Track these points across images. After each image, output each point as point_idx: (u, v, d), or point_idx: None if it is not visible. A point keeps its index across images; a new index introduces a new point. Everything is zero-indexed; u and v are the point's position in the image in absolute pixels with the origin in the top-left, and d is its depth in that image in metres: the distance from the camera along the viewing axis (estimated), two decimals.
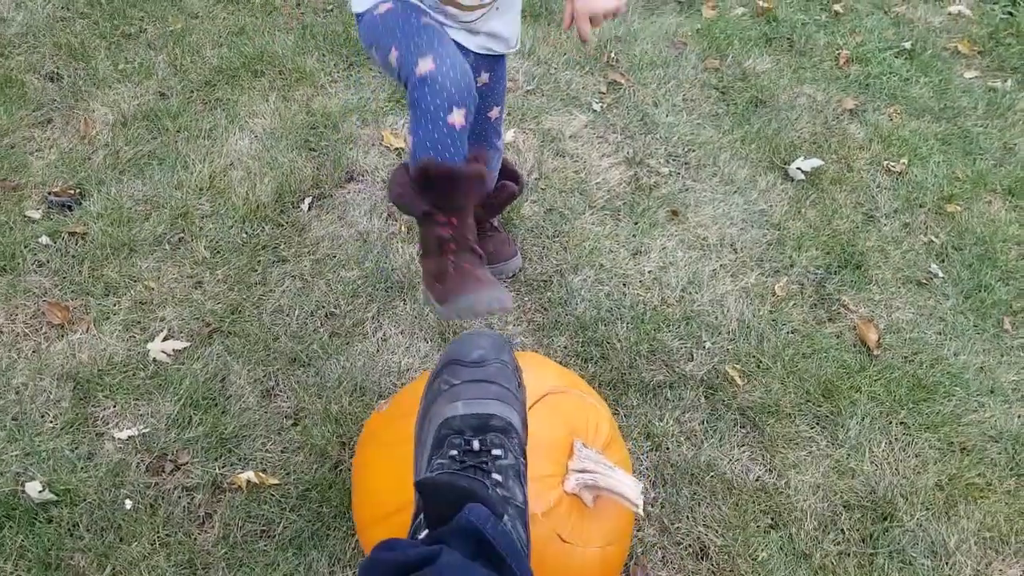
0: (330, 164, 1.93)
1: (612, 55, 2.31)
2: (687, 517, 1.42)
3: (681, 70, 2.29)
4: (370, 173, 1.94)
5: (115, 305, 1.63)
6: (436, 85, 1.05)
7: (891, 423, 1.59)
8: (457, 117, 1.08)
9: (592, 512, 1.05)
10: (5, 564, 1.29)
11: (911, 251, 1.92)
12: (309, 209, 1.85)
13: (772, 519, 1.44)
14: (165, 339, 1.58)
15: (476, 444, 0.81)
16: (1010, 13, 2.64)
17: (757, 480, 1.49)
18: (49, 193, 1.82)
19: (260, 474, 1.41)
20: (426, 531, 0.75)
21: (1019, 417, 1.63)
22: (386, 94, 2.12)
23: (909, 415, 1.60)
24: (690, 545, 1.40)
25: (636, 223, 1.89)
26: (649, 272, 1.80)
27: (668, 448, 1.51)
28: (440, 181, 1.11)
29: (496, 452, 0.81)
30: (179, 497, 1.38)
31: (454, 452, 0.81)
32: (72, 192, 1.83)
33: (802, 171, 2.03)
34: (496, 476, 0.79)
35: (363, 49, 1.26)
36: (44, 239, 1.73)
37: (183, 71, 2.13)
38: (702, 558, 1.39)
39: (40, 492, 1.35)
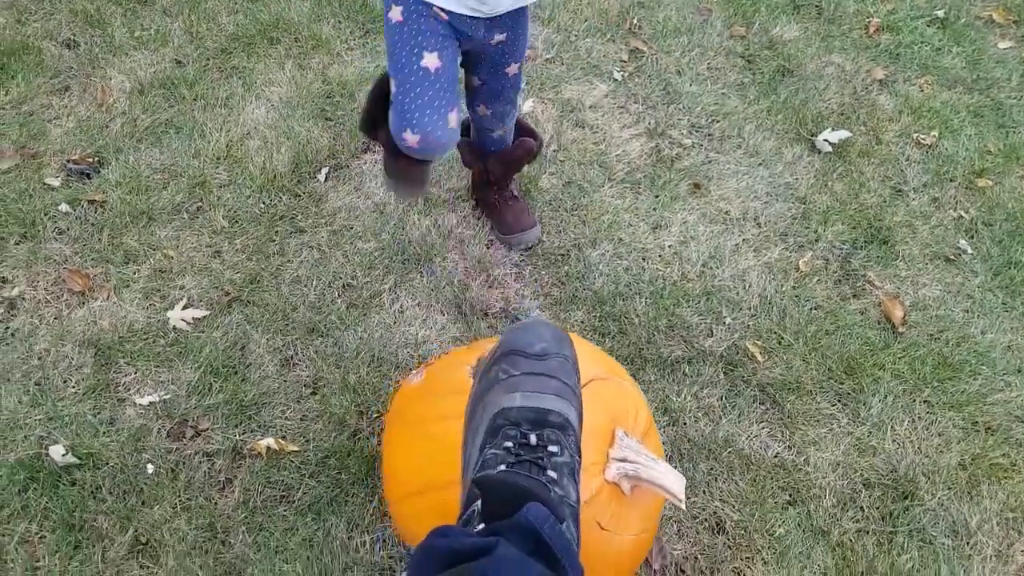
0: (346, 134, 1.91)
1: (635, 21, 2.25)
2: (703, 492, 1.42)
3: (706, 37, 2.22)
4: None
5: (135, 273, 1.64)
6: (414, 153, 1.27)
7: (915, 401, 1.56)
8: (425, 157, 1.32)
9: (629, 500, 1.04)
10: (30, 525, 1.32)
11: (940, 226, 1.87)
12: (326, 180, 1.83)
13: (790, 495, 1.43)
14: (185, 307, 1.59)
15: (533, 438, 0.80)
16: None
17: (776, 456, 1.47)
18: (68, 161, 1.82)
19: (280, 441, 1.42)
20: (482, 525, 0.75)
21: None
22: None
23: (933, 393, 1.57)
24: (706, 519, 1.39)
25: (657, 196, 1.86)
26: (669, 246, 1.77)
27: (685, 423, 1.50)
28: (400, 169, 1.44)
29: (552, 448, 0.80)
30: (200, 462, 1.40)
31: (509, 444, 0.80)
32: (91, 160, 1.83)
33: (829, 143, 1.98)
34: (551, 473, 0.78)
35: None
36: (64, 207, 1.73)
37: (199, 38, 2.11)
38: (718, 532, 1.38)
39: (63, 455, 1.38)
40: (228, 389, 1.48)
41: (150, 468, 1.38)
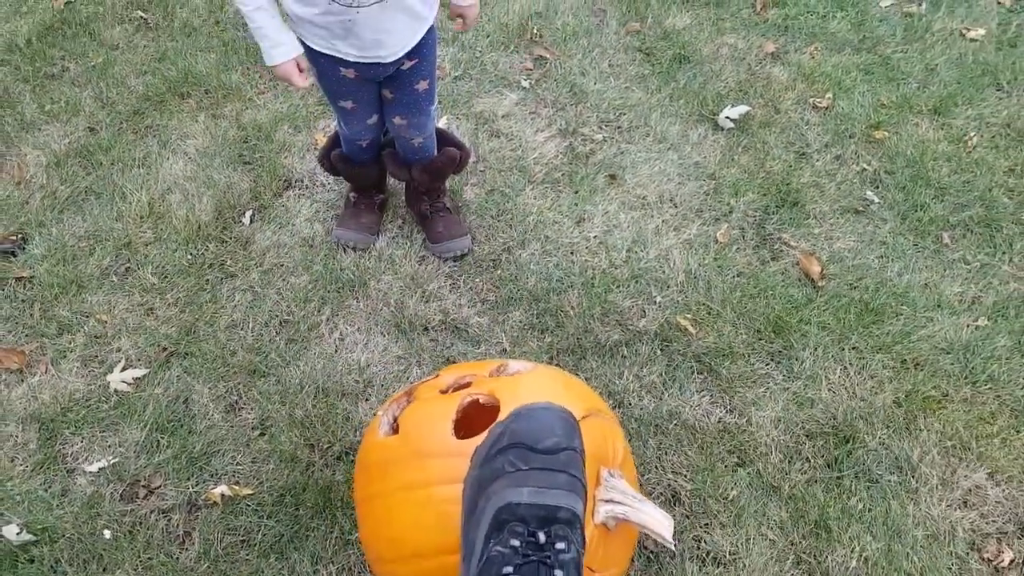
0: (267, 175, 1.94)
1: (535, 31, 2.33)
2: (656, 467, 1.46)
3: (604, 37, 2.31)
4: (308, 177, 1.95)
5: (70, 343, 1.64)
6: (353, 123, 1.58)
7: (843, 349, 1.63)
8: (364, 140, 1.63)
9: (612, 535, 1.04)
10: None
11: (845, 182, 1.96)
12: (251, 222, 1.85)
13: (738, 457, 1.48)
14: (124, 369, 1.59)
15: (541, 536, 0.79)
16: None
17: (719, 422, 1.52)
18: None
19: (233, 486, 1.43)
20: None
21: (967, 327, 1.67)
22: (315, 99, 2.12)
23: (860, 339, 1.64)
24: (662, 493, 1.43)
25: (577, 192, 1.92)
26: (594, 237, 1.83)
27: (631, 404, 1.54)
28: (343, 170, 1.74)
29: (560, 546, 0.80)
30: (156, 520, 1.39)
31: (516, 542, 0.79)
32: (14, 238, 1.82)
33: (731, 119, 2.07)
34: (558, 573, 0.79)
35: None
36: None
37: (110, 103, 2.12)
38: (675, 503, 1.42)
39: (18, 534, 1.36)
40: (176, 443, 1.48)
41: (107, 533, 1.38)
